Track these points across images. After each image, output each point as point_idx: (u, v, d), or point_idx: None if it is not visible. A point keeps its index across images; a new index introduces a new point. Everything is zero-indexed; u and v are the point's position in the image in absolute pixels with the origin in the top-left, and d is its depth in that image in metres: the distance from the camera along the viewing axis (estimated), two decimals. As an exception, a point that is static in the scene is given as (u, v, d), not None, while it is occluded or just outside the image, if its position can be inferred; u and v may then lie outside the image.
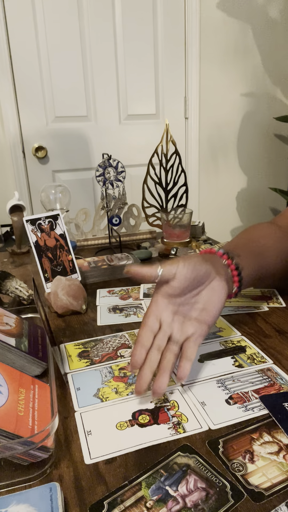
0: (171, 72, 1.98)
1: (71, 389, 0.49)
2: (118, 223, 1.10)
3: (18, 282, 0.74)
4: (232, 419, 0.43)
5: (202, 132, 2.12)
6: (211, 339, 0.60)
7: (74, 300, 0.69)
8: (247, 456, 0.38)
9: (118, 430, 0.42)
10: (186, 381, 0.50)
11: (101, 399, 0.47)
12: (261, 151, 2.29)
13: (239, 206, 2.35)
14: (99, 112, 1.92)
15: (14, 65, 1.72)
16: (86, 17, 1.77)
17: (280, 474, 0.36)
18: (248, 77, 2.12)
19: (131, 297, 0.77)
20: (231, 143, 2.21)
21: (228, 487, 0.34)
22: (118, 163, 1.06)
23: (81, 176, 1.98)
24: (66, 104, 1.85)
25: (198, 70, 2.00)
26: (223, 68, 2.05)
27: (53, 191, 1.08)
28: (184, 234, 1.08)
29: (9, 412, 0.39)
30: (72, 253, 0.77)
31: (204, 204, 2.26)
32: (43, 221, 0.74)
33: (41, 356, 0.52)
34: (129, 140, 2.01)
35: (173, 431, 0.41)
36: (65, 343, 0.60)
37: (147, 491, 0.34)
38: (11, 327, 0.54)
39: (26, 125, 1.81)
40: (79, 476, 0.37)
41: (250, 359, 0.54)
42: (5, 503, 0.33)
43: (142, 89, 1.96)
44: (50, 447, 0.38)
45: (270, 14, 2.05)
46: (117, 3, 1.80)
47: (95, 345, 0.59)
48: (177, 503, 0.33)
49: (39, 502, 0.33)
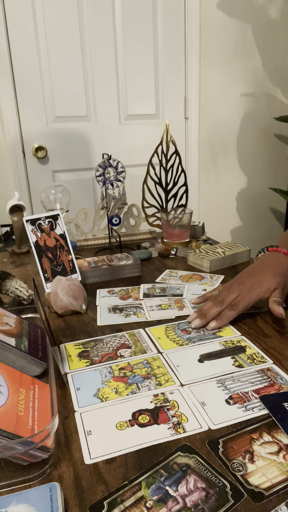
0: (171, 72, 1.98)
1: (71, 389, 0.49)
2: (118, 223, 1.10)
3: (18, 282, 0.74)
4: (232, 419, 0.43)
5: (202, 132, 2.12)
6: (211, 339, 0.60)
7: (74, 300, 0.69)
8: (247, 456, 0.38)
9: (118, 430, 0.42)
10: (186, 381, 0.50)
11: (101, 399, 0.47)
12: (261, 151, 2.29)
13: (239, 206, 2.35)
14: (99, 112, 1.92)
15: (14, 65, 1.72)
16: (86, 17, 1.77)
17: (280, 474, 0.36)
18: (248, 77, 2.12)
19: (131, 297, 0.77)
20: (231, 143, 2.21)
21: (228, 487, 0.34)
22: (118, 163, 1.06)
23: (81, 176, 1.98)
24: (66, 104, 1.85)
25: (198, 70, 2.00)
26: (223, 68, 2.05)
27: (53, 191, 1.08)
28: (184, 234, 1.08)
29: (9, 412, 0.39)
30: (72, 253, 0.77)
31: (204, 204, 2.26)
32: (43, 221, 0.74)
33: (41, 356, 0.52)
34: (129, 140, 2.01)
35: (173, 431, 0.41)
36: (65, 343, 0.61)
37: (147, 491, 0.34)
38: (11, 327, 0.54)
39: (26, 125, 1.81)
40: (79, 476, 0.37)
41: (250, 359, 0.54)
42: (5, 503, 0.33)
43: (142, 89, 1.96)
44: (50, 447, 0.38)
45: (270, 14, 2.05)
46: (117, 3, 1.80)
47: (95, 345, 0.59)
48: (177, 503, 0.33)
49: (39, 502, 0.33)
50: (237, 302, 0.63)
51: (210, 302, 0.65)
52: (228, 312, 0.63)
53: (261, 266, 0.68)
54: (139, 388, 0.49)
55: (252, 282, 0.65)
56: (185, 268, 0.93)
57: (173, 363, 0.54)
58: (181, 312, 0.69)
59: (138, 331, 0.63)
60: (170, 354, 0.56)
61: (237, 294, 0.64)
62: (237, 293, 0.64)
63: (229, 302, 0.63)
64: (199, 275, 0.87)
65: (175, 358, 0.55)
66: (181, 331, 0.62)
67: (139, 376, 0.51)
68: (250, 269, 0.69)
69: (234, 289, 0.65)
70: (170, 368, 0.53)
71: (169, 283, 0.84)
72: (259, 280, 0.65)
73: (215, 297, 0.65)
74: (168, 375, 0.51)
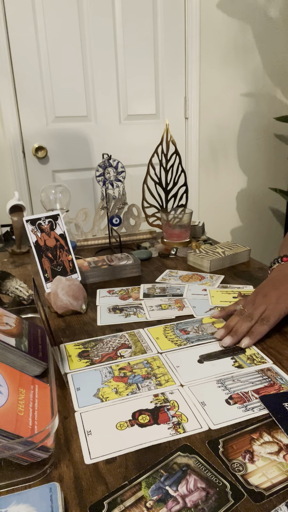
0: (171, 72, 1.98)
1: (71, 389, 0.49)
2: (118, 223, 1.10)
3: (18, 282, 0.74)
4: (232, 419, 0.43)
5: (202, 132, 2.12)
6: (211, 340, 0.60)
7: (74, 300, 0.69)
8: (247, 456, 0.38)
9: (118, 430, 0.42)
10: (186, 381, 0.50)
11: (101, 399, 0.47)
12: (261, 151, 2.28)
13: (239, 206, 2.35)
14: (99, 112, 1.92)
15: (14, 65, 1.72)
16: (86, 17, 1.77)
17: (280, 474, 0.36)
18: (248, 77, 2.12)
19: (131, 297, 0.77)
20: (231, 143, 2.20)
21: (228, 487, 0.34)
22: (118, 163, 1.06)
23: (81, 176, 1.98)
24: (66, 104, 1.85)
25: (198, 70, 2.00)
26: (223, 68, 2.05)
27: (53, 191, 1.08)
28: (184, 234, 1.08)
29: (9, 412, 0.39)
30: (72, 253, 0.77)
31: (204, 204, 2.26)
32: (43, 221, 0.74)
33: (41, 356, 0.52)
34: (129, 140, 2.01)
35: (173, 431, 0.41)
36: (65, 343, 0.61)
37: (147, 491, 0.34)
38: (11, 327, 0.54)
39: (26, 125, 1.81)
40: (79, 476, 0.37)
41: (249, 359, 0.54)
42: (5, 503, 0.33)
43: (142, 89, 1.96)
44: (50, 447, 0.38)
45: (270, 14, 2.05)
46: (117, 3, 1.80)
47: (95, 345, 0.59)
48: (177, 503, 0.33)
49: (39, 502, 0.33)
50: (267, 315, 0.60)
51: (237, 317, 0.61)
52: (260, 327, 0.59)
53: (282, 277, 0.65)
54: (139, 388, 0.49)
55: (278, 293, 0.62)
56: (185, 268, 0.93)
57: (173, 363, 0.54)
58: (181, 312, 0.69)
59: (138, 331, 0.63)
60: (169, 354, 0.56)
61: (264, 308, 0.61)
62: (265, 306, 0.61)
63: (258, 316, 0.60)
64: (199, 275, 0.87)
65: (174, 358, 0.55)
66: (179, 331, 0.62)
67: (139, 376, 0.51)
68: (270, 281, 0.66)
69: (259, 302, 0.62)
70: (170, 368, 0.53)
71: (169, 283, 0.84)
72: (284, 291, 0.62)
73: (240, 312, 0.62)
74: (168, 375, 0.51)
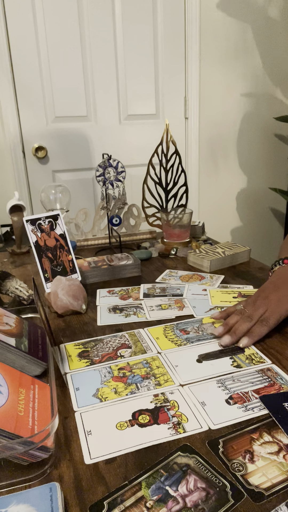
0: (171, 72, 1.98)
1: (70, 389, 0.49)
2: (118, 223, 1.10)
3: (18, 282, 0.74)
4: (232, 419, 0.43)
5: (202, 132, 2.12)
6: (210, 340, 0.60)
7: (74, 300, 0.69)
8: (247, 456, 0.38)
9: (118, 430, 0.42)
10: (185, 381, 0.50)
11: (100, 399, 0.47)
12: (261, 151, 2.28)
13: (239, 206, 2.35)
14: (99, 112, 1.92)
15: (14, 65, 1.72)
16: (86, 17, 1.77)
17: (280, 474, 0.36)
18: (248, 77, 2.12)
19: (131, 297, 0.77)
20: (231, 143, 2.20)
21: (228, 487, 0.34)
22: (118, 163, 1.06)
23: (81, 176, 1.98)
24: (66, 104, 1.85)
25: (198, 70, 2.00)
26: (223, 68, 2.05)
27: (53, 191, 1.08)
28: (184, 234, 1.08)
29: (9, 412, 0.39)
30: (72, 253, 0.77)
31: (204, 204, 2.26)
32: (43, 221, 0.74)
33: (41, 356, 0.52)
34: (129, 140, 2.01)
35: (173, 431, 0.41)
36: (65, 343, 0.61)
37: (147, 491, 0.34)
38: (11, 327, 0.54)
39: (26, 125, 1.81)
40: (79, 476, 0.37)
41: (248, 359, 0.54)
42: (5, 503, 0.33)
43: (142, 89, 1.96)
44: (50, 447, 0.38)
45: (270, 14, 2.05)
46: (117, 3, 1.80)
47: (95, 345, 0.59)
48: (177, 503, 0.33)
49: (39, 502, 0.33)
50: (266, 317, 0.60)
51: (236, 317, 0.62)
52: (260, 328, 0.59)
53: (283, 280, 0.65)
54: (138, 388, 0.49)
55: (279, 296, 0.62)
56: (185, 268, 0.93)
57: (172, 363, 0.54)
58: (181, 312, 0.69)
59: (138, 331, 0.63)
60: (168, 354, 0.56)
61: (265, 309, 0.61)
62: (265, 308, 0.61)
63: (258, 317, 0.60)
64: (199, 275, 0.87)
65: (173, 358, 0.55)
66: (179, 331, 0.62)
67: (138, 376, 0.51)
68: (271, 283, 0.66)
69: (260, 304, 0.62)
70: (169, 368, 0.53)
71: (169, 283, 0.84)
72: (285, 293, 0.62)
73: (240, 312, 0.62)
74: (167, 375, 0.51)
